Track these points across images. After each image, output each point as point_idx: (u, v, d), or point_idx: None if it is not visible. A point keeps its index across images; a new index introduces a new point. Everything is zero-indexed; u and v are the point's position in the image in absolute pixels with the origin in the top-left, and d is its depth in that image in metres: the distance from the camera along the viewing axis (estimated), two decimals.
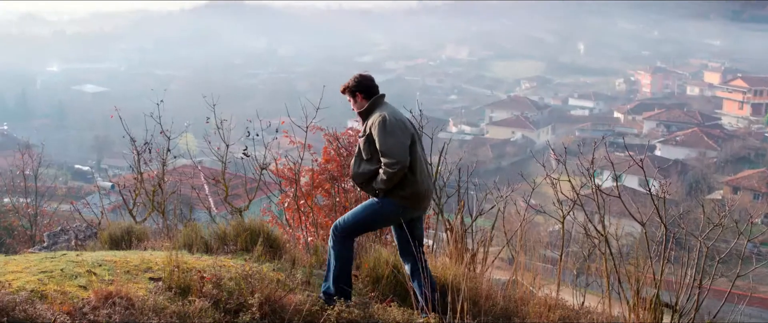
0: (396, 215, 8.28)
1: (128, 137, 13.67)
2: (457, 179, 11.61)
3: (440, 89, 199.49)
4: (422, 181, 8.18)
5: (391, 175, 7.94)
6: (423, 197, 8.29)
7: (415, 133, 8.36)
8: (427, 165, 8.55)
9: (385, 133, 8.01)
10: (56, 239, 13.54)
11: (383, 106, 8.40)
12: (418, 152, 8.22)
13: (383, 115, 8.14)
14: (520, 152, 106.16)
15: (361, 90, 8.60)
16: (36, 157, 25.29)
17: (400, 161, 7.89)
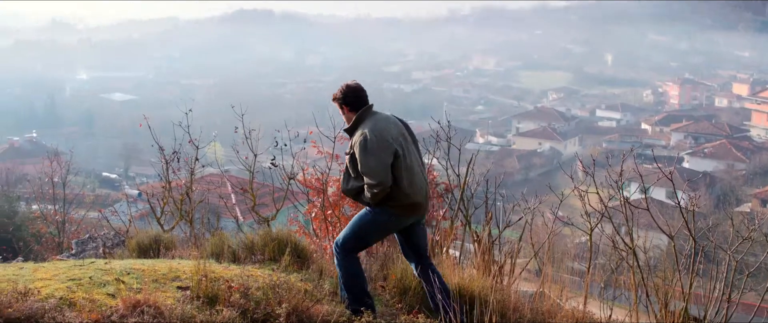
0: (391, 224, 8.33)
1: (157, 146, 13.73)
2: (485, 190, 11.58)
3: (467, 99, 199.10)
4: (412, 193, 8.10)
5: (374, 195, 7.96)
6: (416, 206, 8.24)
7: (404, 141, 8.24)
8: (421, 169, 8.46)
9: (365, 153, 7.95)
10: (84, 246, 13.62)
11: (368, 120, 8.26)
12: (407, 163, 8.11)
13: (364, 133, 8.03)
14: (546, 163, 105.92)
15: (347, 102, 8.48)
16: (64, 164, 25.44)
17: (379, 183, 7.87)
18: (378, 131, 8.05)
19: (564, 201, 11.14)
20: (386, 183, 7.89)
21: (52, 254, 17.78)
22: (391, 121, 8.38)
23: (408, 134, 8.44)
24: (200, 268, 7.70)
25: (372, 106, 8.43)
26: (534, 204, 11.70)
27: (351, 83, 8.59)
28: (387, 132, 8.11)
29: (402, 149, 8.10)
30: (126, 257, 10.81)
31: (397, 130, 8.26)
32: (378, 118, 8.29)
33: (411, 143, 8.39)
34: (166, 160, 13.74)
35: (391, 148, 7.99)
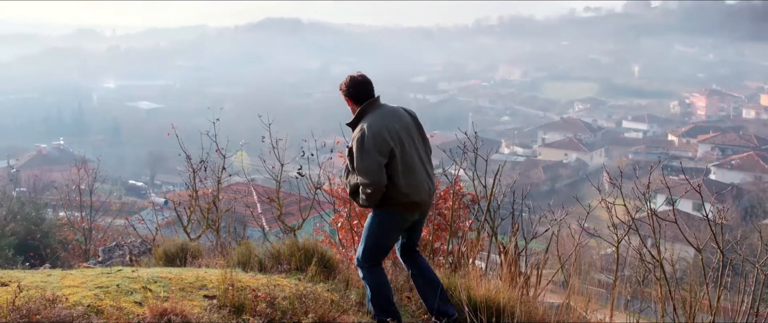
0: (398, 223, 8.21)
1: (184, 154, 13.78)
2: (511, 201, 11.56)
3: (493, 110, 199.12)
4: (410, 192, 7.97)
5: (368, 195, 7.89)
6: (417, 205, 8.13)
7: (407, 136, 8.11)
8: (425, 166, 8.30)
9: (361, 151, 7.86)
10: (111, 254, 13.67)
11: (371, 114, 8.10)
12: (406, 161, 7.99)
13: (363, 129, 7.91)
14: (572, 174, 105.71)
15: (350, 95, 8.31)
16: (91, 172, 25.56)
17: (372, 182, 7.79)
18: (377, 127, 7.91)
19: (590, 212, 11.09)
20: (379, 183, 7.81)
21: (79, 261, 17.87)
22: (397, 114, 8.24)
23: (415, 129, 8.31)
24: (227, 277, 7.72)
25: (378, 98, 8.26)
26: (560, 216, 11.66)
27: (356, 75, 8.39)
28: (387, 128, 7.95)
29: (400, 147, 7.96)
30: (153, 265, 10.84)
31: (401, 124, 8.13)
32: (382, 113, 8.16)
33: (416, 138, 8.26)
34: (194, 169, 13.80)
35: (387, 146, 7.84)
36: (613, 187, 10.36)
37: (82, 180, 24.61)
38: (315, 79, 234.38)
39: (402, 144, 7.98)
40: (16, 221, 26.34)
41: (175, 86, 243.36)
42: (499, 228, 11.56)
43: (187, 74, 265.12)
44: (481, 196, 12.04)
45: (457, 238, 11.75)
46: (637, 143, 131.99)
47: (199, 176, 13.91)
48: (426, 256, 10.47)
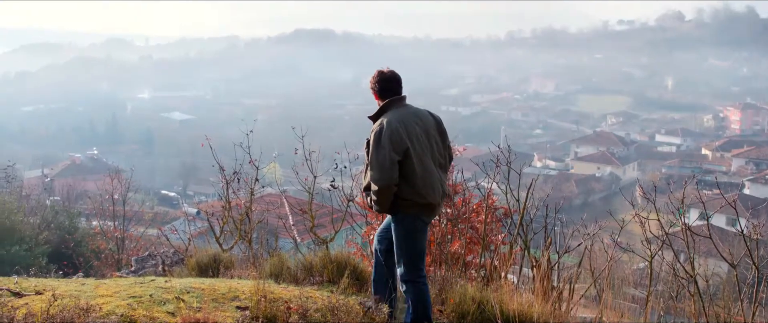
0: (420, 226, 8.08)
1: (217, 165, 13.83)
2: (544, 215, 11.52)
3: (525, 123, 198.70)
4: (426, 193, 7.89)
5: (377, 193, 7.85)
6: (432, 207, 8.04)
7: (426, 138, 8.05)
8: (441, 172, 8.22)
9: (376, 146, 7.82)
10: (144, 264, 13.73)
11: (393, 111, 8.06)
12: (422, 163, 7.91)
13: (382, 123, 7.88)
14: (605, 188, 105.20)
15: (376, 89, 8.32)
16: (125, 181, 25.67)
17: (382, 178, 7.74)
18: (396, 124, 7.85)
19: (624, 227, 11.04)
20: (389, 181, 7.74)
21: (112, 270, 17.96)
22: (420, 115, 8.16)
23: (437, 134, 8.25)
24: (259, 289, 7.73)
25: (404, 97, 8.22)
26: (593, 230, 11.61)
27: (385, 70, 8.41)
28: (406, 127, 7.91)
29: (417, 147, 7.89)
30: (185, 275, 10.88)
31: (422, 126, 8.06)
32: (405, 111, 8.09)
33: (436, 143, 8.19)
34: (227, 180, 13.85)
35: (403, 144, 7.79)
36: (647, 201, 10.29)
37: (115, 190, 24.74)
38: (347, 90, 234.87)
39: (419, 145, 7.92)
40: (50, 230, 26.43)
41: (206, 97, 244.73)
42: (531, 242, 11.52)
43: (219, 85, 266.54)
44: (514, 210, 12.01)
45: (490, 252, 11.73)
46: (670, 157, 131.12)
47: (232, 187, 13.95)
48: (458, 270, 10.45)
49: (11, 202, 24.32)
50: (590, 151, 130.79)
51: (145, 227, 27.99)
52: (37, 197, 32.72)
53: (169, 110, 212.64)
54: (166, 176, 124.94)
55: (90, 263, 22.68)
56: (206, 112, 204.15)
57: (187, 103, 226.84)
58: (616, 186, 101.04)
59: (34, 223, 25.77)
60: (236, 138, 13.34)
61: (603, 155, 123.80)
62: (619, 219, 11.14)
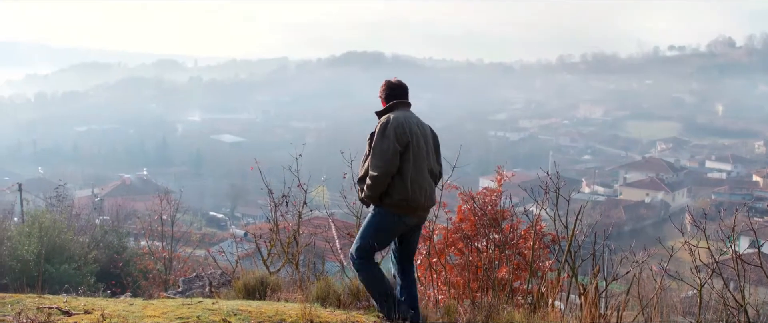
0: (394, 224, 8.40)
1: (266, 188, 13.88)
2: (592, 242, 11.44)
3: (573, 149, 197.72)
4: (413, 190, 8.22)
5: (374, 179, 8.15)
6: (415, 207, 8.35)
7: (424, 142, 8.48)
8: (430, 177, 8.60)
9: (381, 135, 8.20)
10: (191, 285, 13.78)
11: (398, 111, 8.57)
12: (418, 158, 8.32)
13: (389, 117, 8.35)
14: (654, 215, 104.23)
15: (384, 97, 8.87)
16: (173, 202, 25.86)
17: (383, 166, 8.08)
18: (401, 120, 8.32)
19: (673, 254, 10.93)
20: (389, 169, 8.10)
21: (159, 290, 18.06)
22: (420, 123, 8.67)
23: (432, 144, 8.74)
24: (306, 312, 7.75)
25: (409, 104, 8.81)
26: (642, 257, 11.51)
27: (393, 80, 8.98)
28: (411, 127, 8.35)
29: (415, 147, 8.30)
30: (232, 297, 10.91)
31: (421, 131, 8.52)
32: (408, 114, 8.60)
33: (430, 151, 8.63)
34: (275, 203, 13.90)
35: (405, 137, 8.21)
36: (696, 229, 10.20)
37: (164, 211, 24.93)
38: None
39: (417, 144, 8.33)
40: (99, 249, 26.73)
41: (256, 120, 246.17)
42: (579, 269, 11.44)
43: (268, 107, 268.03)
44: (562, 236, 11.94)
45: (537, 278, 11.67)
46: (720, 184, 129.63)
47: (281, 210, 14.00)
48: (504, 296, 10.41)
49: (62, 221, 24.66)
50: (639, 177, 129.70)
51: (193, 248, 28.18)
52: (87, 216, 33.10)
53: (219, 132, 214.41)
54: (214, 198, 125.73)
55: (138, 283, 22.85)
56: (256, 135, 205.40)
57: (238, 126, 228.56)
58: (666, 213, 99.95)
59: (84, 242, 26.06)
60: (285, 161, 13.40)
61: (652, 181, 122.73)
62: (668, 247, 11.04)
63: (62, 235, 23.69)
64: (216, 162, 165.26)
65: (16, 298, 9.31)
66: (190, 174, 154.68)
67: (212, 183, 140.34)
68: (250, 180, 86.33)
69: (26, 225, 23.96)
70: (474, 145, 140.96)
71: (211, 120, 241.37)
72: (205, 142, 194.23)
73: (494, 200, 13.03)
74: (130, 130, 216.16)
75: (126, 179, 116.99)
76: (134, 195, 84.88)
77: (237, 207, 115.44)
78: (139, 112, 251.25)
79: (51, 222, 23.71)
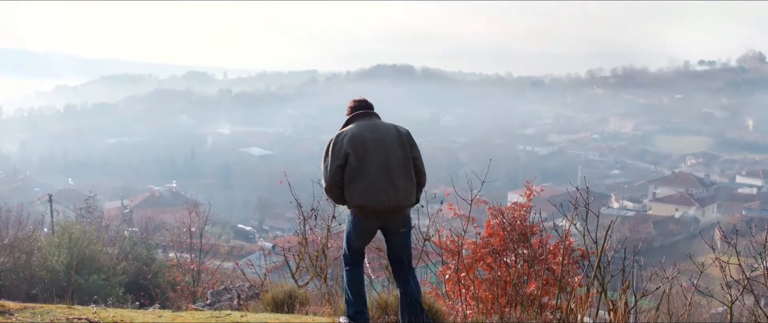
0: (359, 225, 9.02)
1: (295, 201, 13.91)
2: (622, 257, 11.37)
3: (603, 163, 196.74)
4: (363, 198, 8.74)
5: (325, 191, 9.13)
6: (373, 211, 8.83)
7: (377, 147, 8.85)
8: (392, 180, 8.87)
9: (325, 154, 8.98)
10: (219, 297, 13.81)
11: (353, 124, 9.13)
12: (363, 168, 8.74)
13: (335, 135, 9.01)
14: (684, 230, 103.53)
15: (348, 113, 9.44)
16: (202, 214, 25.91)
17: (326, 181, 8.92)
18: (344, 134, 8.96)
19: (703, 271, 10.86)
20: (331, 183, 8.87)
21: (188, 303, 18.10)
22: (376, 127, 9.10)
23: (396, 144, 9.03)
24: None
25: (369, 114, 9.34)
26: (672, 273, 11.44)
27: (357, 98, 9.60)
28: (353, 136, 8.89)
29: (360, 153, 8.76)
30: (260, 310, 10.92)
31: (374, 135, 8.95)
32: (362, 123, 9.12)
33: (392, 151, 8.94)
34: (304, 216, 13.92)
35: (342, 151, 8.79)
36: (727, 244, 10.13)
37: (192, 223, 24.98)
38: (424, 128, 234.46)
39: (364, 151, 8.79)
40: (128, 260, 26.82)
41: (285, 133, 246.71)
42: (608, 285, 11.38)
43: (297, 120, 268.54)
44: (592, 252, 11.89)
45: (566, 294, 11.61)
46: (751, 199, 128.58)
47: (309, 223, 14.03)
48: (533, 311, 10.37)
49: (91, 232, 24.75)
50: (669, 192, 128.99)
51: (222, 260, 28.25)
52: (116, 228, 33.19)
53: (248, 145, 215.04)
54: (243, 210, 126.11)
55: (166, 294, 22.91)
56: (285, 148, 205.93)
57: (267, 139, 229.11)
58: (695, 229, 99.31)
59: (113, 253, 26.16)
60: (314, 174, 13.41)
61: (682, 196, 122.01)
62: (699, 263, 10.97)
63: (92, 246, 23.78)
64: (244, 175, 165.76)
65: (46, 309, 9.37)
66: (218, 186, 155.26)
67: (241, 195, 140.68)
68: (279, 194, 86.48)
69: (56, 235, 24.07)
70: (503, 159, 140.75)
71: (240, 133, 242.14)
72: (234, 155, 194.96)
73: (523, 215, 12.99)
74: (160, 142, 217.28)
75: (155, 191, 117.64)
76: (163, 207, 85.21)
77: (265, 220, 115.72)
78: (169, 124, 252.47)
79: (81, 233, 23.81)
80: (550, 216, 12.55)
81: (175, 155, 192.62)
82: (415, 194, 9.17)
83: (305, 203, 13.90)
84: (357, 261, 9.24)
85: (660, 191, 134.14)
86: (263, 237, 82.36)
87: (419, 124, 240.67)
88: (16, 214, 28.93)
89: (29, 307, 9.68)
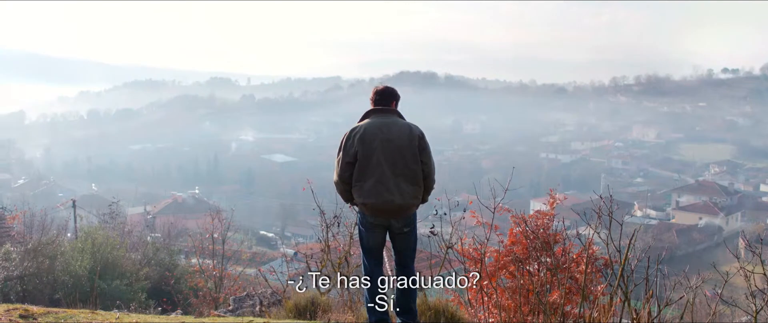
0: (365, 223, 9.30)
1: (317, 209, 13.94)
2: (645, 266, 11.32)
3: (626, 171, 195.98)
4: (367, 195, 8.99)
5: (335, 185, 9.32)
6: (375, 209, 9.05)
7: (385, 146, 9.05)
8: (395, 176, 9.07)
9: (338, 149, 9.24)
10: (241, 303, 13.83)
11: (369, 119, 9.34)
12: (370, 166, 9.01)
13: (347, 131, 9.31)
14: (707, 239, 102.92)
15: (371, 102, 9.63)
16: (224, 221, 25.95)
17: (336, 175, 9.20)
18: (356, 131, 9.23)
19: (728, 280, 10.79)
20: (340, 178, 9.15)
21: (210, 309, 18.14)
22: (388, 126, 9.23)
23: (406, 145, 9.17)
24: None
25: (385, 109, 9.47)
26: (695, 282, 11.37)
27: (379, 87, 9.75)
28: (365, 133, 9.14)
29: (368, 151, 9.02)
30: (282, 317, 10.93)
31: (384, 135, 9.13)
32: (376, 120, 9.29)
33: (401, 152, 9.11)
34: (327, 223, 13.94)
35: (353, 148, 9.08)
36: (751, 253, 10.07)
37: (215, 229, 25.02)
38: (447, 136, 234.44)
39: (372, 150, 9.03)
40: (150, 266, 26.90)
41: (308, 140, 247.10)
42: (632, 294, 11.33)
43: (320, 127, 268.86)
44: (615, 260, 11.84)
45: (589, 303, 11.57)
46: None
47: (332, 230, 14.05)
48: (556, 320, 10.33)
49: (114, 238, 24.85)
50: (692, 201, 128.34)
51: (244, 267, 28.25)
52: (139, 233, 33.38)
53: (272, 152, 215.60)
54: (265, 217, 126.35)
55: (188, 300, 22.96)
56: (308, 155, 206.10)
57: (290, 145, 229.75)
58: (719, 238, 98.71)
59: (136, 259, 26.26)
60: None
61: (705, 205, 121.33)
62: (723, 272, 10.91)
63: (115, 252, 23.88)
64: (267, 182, 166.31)
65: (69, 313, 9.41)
66: (241, 193, 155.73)
67: (263, 202, 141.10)
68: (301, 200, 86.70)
69: (79, 241, 24.19)
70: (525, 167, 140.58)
71: (263, 139, 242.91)
72: (256, 161, 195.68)
73: (546, 223, 12.95)
74: (183, 148, 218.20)
75: (178, 197, 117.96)
76: (186, 214, 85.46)
77: (287, 227, 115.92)
78: (192, 130, 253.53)
79: (104, 239, 23.92)
80: (573, 225, 12.53)
81: (198, 161, 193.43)
82: (420, 196, 9.31)
83: (328, 210, 13.93)
84: (374, 263, 9.46)
85: (683, 199, 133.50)
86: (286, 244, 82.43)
87: (442, 131, 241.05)
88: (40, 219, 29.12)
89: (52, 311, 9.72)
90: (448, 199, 12.49)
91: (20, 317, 9.59)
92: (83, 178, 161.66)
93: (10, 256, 19.94)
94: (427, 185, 9.39)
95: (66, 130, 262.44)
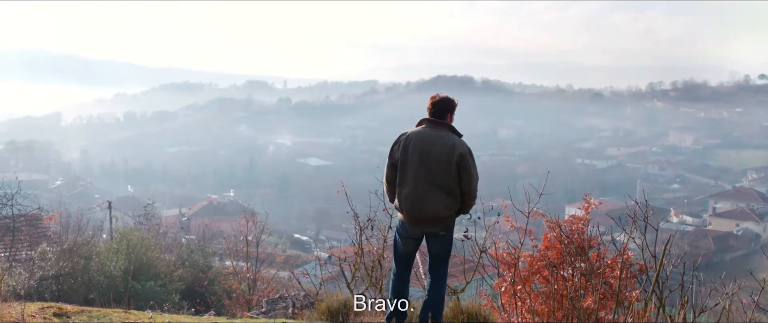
0: (402, 230, 9.78)
1: (351, 212, 13.95)
2: (681, 272, 11.23)
3: (662, 177, 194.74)
4: (403, 201, 9.45)
5: (384, 184, 9.95)
6: (409, 215, 9.45)
7: (422, 157, 9.36)
8: (429, 187, 9.35)
9: (390, 150, 9.69)
10: (274, 306, 13.83)
11: (418, 128, 9.80)
12: (406, 174, 9.41)
13: (399, 134, 9.74)
14: (744, 246, 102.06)
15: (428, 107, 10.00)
16: (259, 224, 25.99)
17: (385, 176, 9.78)
18: (402, 139, 9.64)
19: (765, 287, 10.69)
20: (387, 179, 9.77)
21: (243, 310, 18.19)
22: (430, 138, 9.51)
23: (445, 159, 9.35)
24: None
25: (435, 122, 9.76)
26: (731, 289, 11.27)
27: (435, 96, 10.12)
28: (408, 142, 9.53)
29: (406, 160, 9.42)
30: (315, 319, 10.95)
31: (425, 147, 9.43)
32: (423, 131, 9.66)
33: (437, 165, 9.34)
34: (360, 227, 13.95)
35: (395, 155, 9.58)
36: None
37: (249, 232, 25.06)
38: (482, 141, 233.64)
39: (410, 160, 9.40)
40: (184, 267, 26.94)
41: (344, 145, 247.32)
42: (666, 300, 11.25)
43: (356, 131, 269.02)
44: (650, 266, 11.75)
45: (623, 308, 11.49)
46: None
47: (365, 234, 14.06)
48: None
49: (149, 239, 24.94)
50: (729, 207, 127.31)
51: (277, 269, 28.31)
52: (174, 235, 33.43)
53: (307, 155, 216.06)
54: (299, 220, 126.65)
55: (221, 302, 23.02)
56: (343, 159, 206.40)
57: (326, 149, 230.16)
58: (756, 245, 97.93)
59: (170, 260, 26.31)
60: (371, 185, 13.45)
61: (742, 211, 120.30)
62: (760, 279, 10.81)
63: (149, 253, 23.94)
64: (302, 185, 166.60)
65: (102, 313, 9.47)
66: (276, 196, 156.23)
67: (298, 205, 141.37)
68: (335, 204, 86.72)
69: (115, 241, 24.26)
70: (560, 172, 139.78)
71: (299, 143, 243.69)
72: (292, 165, 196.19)
73: (581, 228, 12.89)
74: (219, 151, 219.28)
75: (213, 199, 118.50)
76: (221, 216, 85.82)
77: (322, 230, 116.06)
78: (229, 133, 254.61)
79: (139, 240, 23.98)
80: (608, 230, 12.44)
81: (234, 164, 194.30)
82: (455, 208, 9.52)
83: (362, 214, 13.94)
84: (403, 268, 9.96)
85: (720, 206, 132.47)
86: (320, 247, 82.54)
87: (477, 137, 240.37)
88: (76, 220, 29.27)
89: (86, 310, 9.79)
90: (482, 204, 12.47)
91: (54, 315, 9.67)
92: (119, 180, 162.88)
93: (46, 256, 20.05)
94: (465, 200, 9.58)
95: (102, 132, 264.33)
